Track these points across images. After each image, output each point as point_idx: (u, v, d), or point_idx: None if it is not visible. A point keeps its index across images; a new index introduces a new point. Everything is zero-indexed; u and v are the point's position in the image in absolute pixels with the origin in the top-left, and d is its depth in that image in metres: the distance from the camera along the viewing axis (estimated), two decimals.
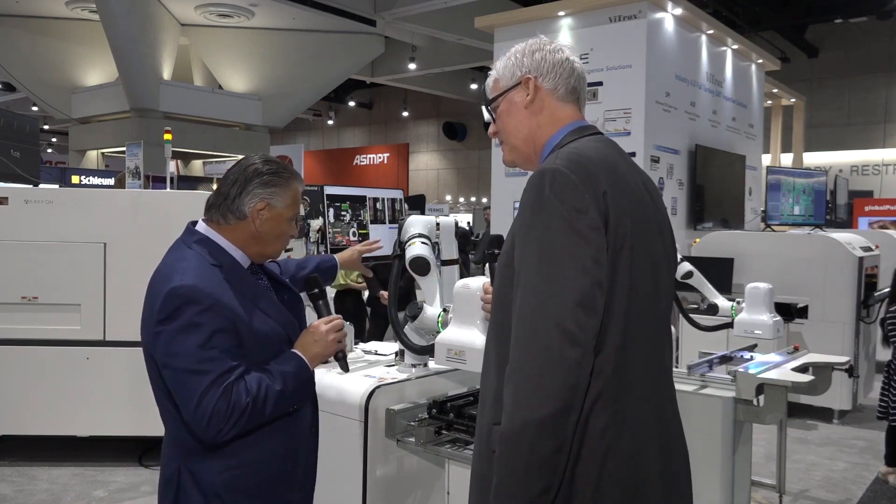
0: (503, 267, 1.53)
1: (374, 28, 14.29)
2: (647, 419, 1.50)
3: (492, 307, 1.60)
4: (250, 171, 1.87)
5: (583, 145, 1.53)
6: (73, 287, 4.52)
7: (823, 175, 7.74)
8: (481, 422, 1.56)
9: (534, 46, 1.66)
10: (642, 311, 1.48)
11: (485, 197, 22.86)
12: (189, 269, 1.77)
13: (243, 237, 1.87)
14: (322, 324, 1.93)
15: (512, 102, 1.65)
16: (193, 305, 1.71)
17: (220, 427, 1.69)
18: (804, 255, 5.88)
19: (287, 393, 1.80)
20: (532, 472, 1.34)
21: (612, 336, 1.41)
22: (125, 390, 4.51)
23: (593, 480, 1.40)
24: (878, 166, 16.95)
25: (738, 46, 7.69)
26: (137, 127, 13.82)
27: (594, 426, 1.40)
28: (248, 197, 1.85)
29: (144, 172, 5.52)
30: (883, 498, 4.39)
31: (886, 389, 4.61)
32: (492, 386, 1.52)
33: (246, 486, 1.82)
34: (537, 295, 1.37)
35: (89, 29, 14.51)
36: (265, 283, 1.97)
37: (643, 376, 1.50)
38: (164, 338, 1.72)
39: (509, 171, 6.81)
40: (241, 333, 1.77)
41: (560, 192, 1.40)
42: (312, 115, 25.53)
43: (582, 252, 1.37)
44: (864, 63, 16.60)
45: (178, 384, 1.72)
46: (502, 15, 7.22)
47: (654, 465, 1.50)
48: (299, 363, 1.85)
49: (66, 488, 4.30)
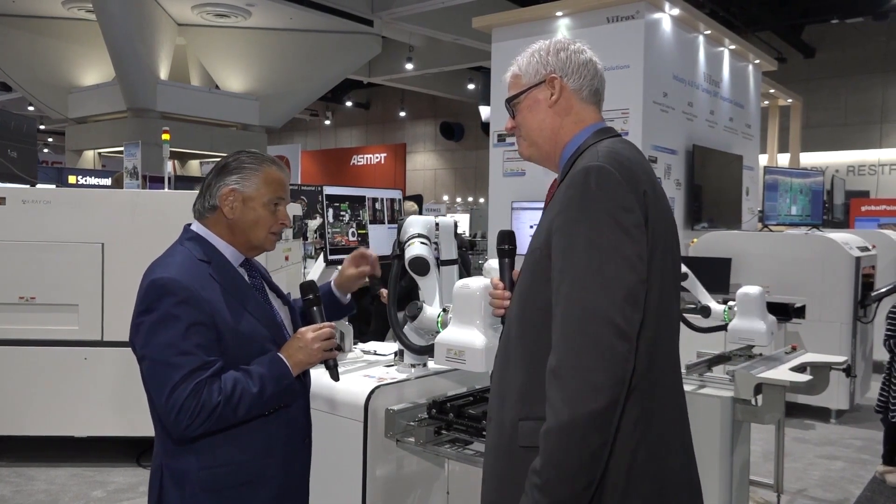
0: (535, 263, 1.53)
1: (371, 28, 14.28)
2: (672, 413, 1.53)
3: (515, 301, 1.59)
4: (221, 163, 1.91)
5: (616, 145, 1.55)
6: (70, 287, 4.51)
7: (820, 175, 7.76)
8: (500, 417, 1.55)
9: (558, 45, 1.66)
10: (667, 309, 1.52)
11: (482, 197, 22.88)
12: (173, 263, 1.79)
13: (223, 229, 1.89)
14: (309, 331, 1.90)
15: (536, 100, 1.65)
16: (170, 297, 1.72)
17: (188, 423, 1.69)
18: (802, 255, 5.89)
19: (265, 397, 1.78)
20: (582, 466, 1.35)
21: (646, 332, 1.43)
22: (123, 391, 4.50)
23: (624, 473, 1.42)
24: (874, 166, 16.99)
25: (736, 47, 7.71)
26: (134, 127, 13.79)
27: (627, 420, 1.42)
28: (216, 186, 1.88)
29: (142, 172, 5.51)
30: (880, 497, 4.40)
31: (887, 385, 4.64)
32: (516, 382, 1.52)
33: (226, 485, 1.80)
34: (587, 291, 1.38)
35: (86, 28, 14.49)
36: (258, 283, 1.96)
37: (667, 372, 1.53)
38: (142, 329, 1.74)
39: (507, 171, 6.82)
40: (221, 329, 1.76)
41: (607, 190, 1.42)
42: (309, 116, 25.51)
43: (629, 249, 1.39)
44: (860, 63, 16.63)
45: (151, 376, 1.74)
46: (500, 15, 7.22)
47: (677, 458, 1.53)
48: (281, 368, 1.83)
49: (63, 489, 4.29)
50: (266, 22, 14.68)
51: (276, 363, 1.83)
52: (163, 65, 14.40)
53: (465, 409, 2.45)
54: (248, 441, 1.82)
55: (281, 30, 15.04)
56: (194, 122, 14.79)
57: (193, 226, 1.91)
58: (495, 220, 6.82)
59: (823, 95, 16.50)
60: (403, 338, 2.75)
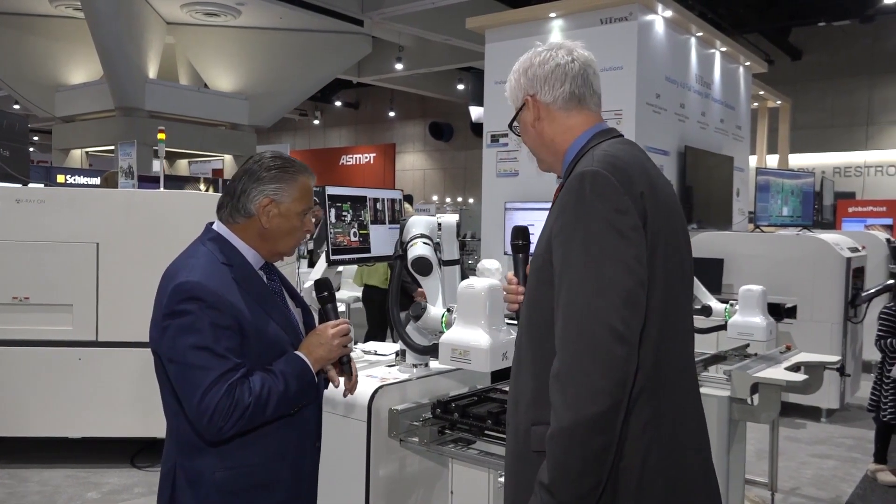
0: (538, 269, 1.55)
1: (361, 28, 14.26)
2: (684, 413, 1.54)
3: (524, 308, 1.62)
4: (255, 167, 1.87)
5: (613, 148, 1.56)
6: (65, 287, 4.48)
7: (811, 177, 7.83)
8: (516, 422, 1.57)
9: (525, 64, 1.69)
10: (675, 308, 1.53)
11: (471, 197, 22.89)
12: (197, 266, 1.78)
13: (253, 235, 1.88)
14: (329, 327, 1.93)
15: (524, 123, 1.71)
16: (198, 302, 1.72)
17: (222, 425, 1.69)
18: (793, 255, 5.94)
19: (290, 394, 1.80)
20: (585, 469, 1.37)
21: (651, 332, 1.45)
22: (118, 391, 4.48)
23: (636, 474, 1.43)
24: (860, 168, 17.16)
25: (727, 49, 7.75)
26: (122, 126, 13.70)
27: (636, 421, 1.44)
28: (253, 194, 1.85)
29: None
30: (872, 495, 4.45)
31: (879, 385, 4.69)
32: (528, 387, 1.54)
33: (240, 487, 1.81)
34: (584, 295, 1.40)
35: (74, 27, 14.38)
36: (277, 286, 1.97)
37: (678, 371, 1.54)
38: (169, 332, 1.73)
39: (500, 172, 6.83)
40: (246, 332, 1.77)
41: (601, 194, 1.44)
42: (298, 115, 25.43)
43: (625, 252, 1.40)
44: (847, 66, 16.79)
45: (182, 379, 1.73)
46: (494, 16, 7.22)
47: (693, 457, 1.54)
48: (303, 365, 1.84)
49: (58, 490, 4.26)
50: (256, 21, 14.63)
51: (297, 360, 1.84)
52: (151, 63, 14.31)
53: (469, 408, 2.46)
54: (264, 444, 1.83)
55: (271, 29, 14.99)
56: (183, 121, 14.71)
57: (215, 225, 1.90)
58: (489, 221, 6.82)
59: (810, 97, 16.64)
60: (406, 338, 2.76)
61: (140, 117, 13.78)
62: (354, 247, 2.97)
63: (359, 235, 2.97)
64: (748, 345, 3.81)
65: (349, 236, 2.93)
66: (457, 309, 2.44)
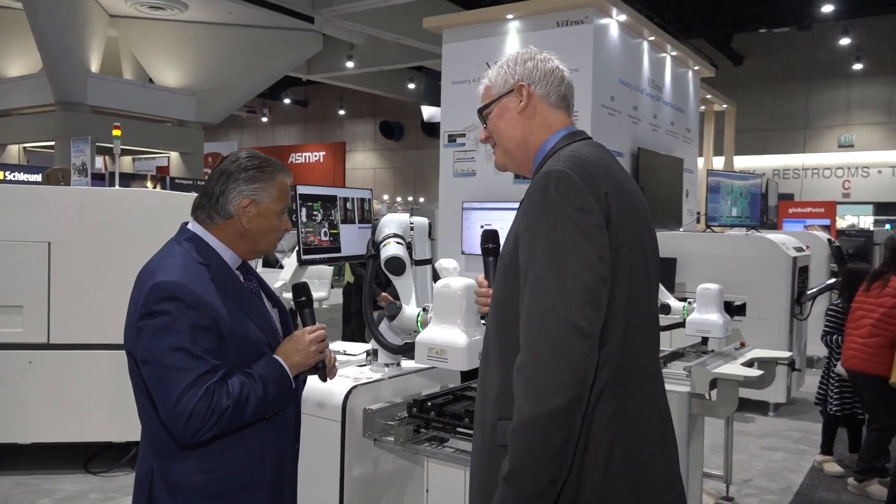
0: (505, 267, 1.57)
1: (311, 25, 14.12)
2: (648, 409, 1.57)
3: (491, 306, 1.63)
4: (233, 168, 1.85)
5: (580, 149, 1.60)
6: (15, 288, 4.32)
7: (759, 178, 8.09)
8: (483, 418, 1.60)
9: (525, 56, 1.73)
10: (640, 305, 1.56)
11: (422, 197, 22.90)
12: (174, 265, 1.75)
13: (232, 236, 1.85)
14: (306, 333, 1.91)
15: (505, 108, 1.71)
16: (176, 302, 1.69)
17: (198, 428, 1.66)
18: (743, 255, 6.13)
19: (268, 399, 1.78)
20: (542, 462, 1.38)
21: (615, 329, 1.48)
22: (70, 395, 4.34)
23: (601, 469, 1.46)
24: (798, 170, 17.80)
25: (677, 53, 7.95)
26: (63, 121, 13.29)
27: (600, 416, 1.46)
28: (233, 195, 1.83)
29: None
30: (820, 485, 4.63)
31: (826, 379, 4.88)
32: (494, 383, 1.56)
33: (222, 491, 1.79)
34: (546, 291, 1.42)
35: (11, 17, 13.88)
36: (254, 286, 1.95)
37: (643, 368, 1.58)
38: (145, 333, 1.70)
39: (457, 172, 6.85)
40: (223, 333, 1.74)
41: (565, 193, 1.46)
42: (246, 112, 25.06)
43: (588, 250, 1.43)
44: (785, 71, 17.40)
45: (158, 381, 1.69)
46: (451, 16, 7.25)
47: (657, 453, 1.57)
48: (281, 370, 1.83)
49: (8, 498, 4.11)
50: (203, 16, 14.35)
51: (276, 365, 1.82)
52: (94, 57, 13.90)
53: (445, 407, 2.48)
54: (244, 446, 1.80)
55: (219, 24, 14.72)
56: (127, 116, 14.32)
57: (191, 225, 1.87)
58: (446, 220, 6.84)
59: (751, 101, 17.19)
60: (381, 337, 2.76)
61: (81, 112, 13.38)
62: (325, 246, 2.95)
63: (329, 235, 2.96)
64: (707, 340, 3.91)
65: (320, 236, 2.91)
66: (433, 308, 2.45)
